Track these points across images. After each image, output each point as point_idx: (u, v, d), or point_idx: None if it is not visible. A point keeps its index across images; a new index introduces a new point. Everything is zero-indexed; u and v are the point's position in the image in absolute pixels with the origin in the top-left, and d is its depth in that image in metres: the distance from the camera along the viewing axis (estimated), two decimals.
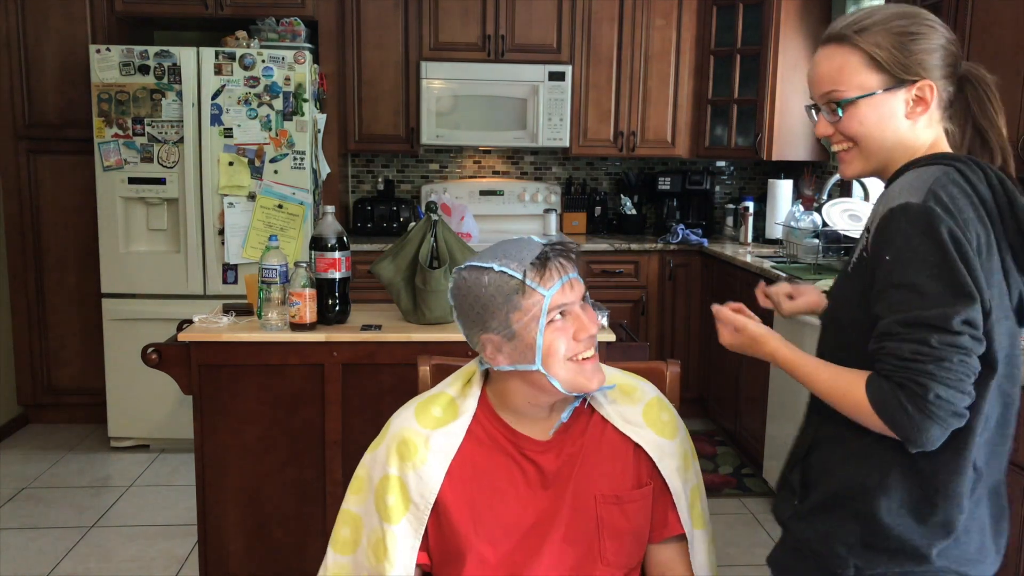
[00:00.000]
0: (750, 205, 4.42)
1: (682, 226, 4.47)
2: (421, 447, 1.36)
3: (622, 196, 4.78)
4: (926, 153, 1.24)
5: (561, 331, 1.31)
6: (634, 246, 4.32)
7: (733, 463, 3.86)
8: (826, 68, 1.25)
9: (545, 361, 1.31)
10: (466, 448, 1.38)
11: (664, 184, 4.66)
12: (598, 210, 4.76)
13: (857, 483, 1.20)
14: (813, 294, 1.58)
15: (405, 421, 1.40)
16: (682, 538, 1.42)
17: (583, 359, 1.33)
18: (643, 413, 1.43)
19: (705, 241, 4.37)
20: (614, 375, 1.47)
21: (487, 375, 1.44)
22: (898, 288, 1.10)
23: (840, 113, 1.24)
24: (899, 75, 1.21)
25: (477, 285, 1.32)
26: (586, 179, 4.90)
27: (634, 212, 4.75)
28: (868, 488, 1.19)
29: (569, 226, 4.72)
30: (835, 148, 1.29)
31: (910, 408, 1.09)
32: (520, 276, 1.29)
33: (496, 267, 1.31)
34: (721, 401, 4.12)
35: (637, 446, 1.40)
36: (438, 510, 1.36)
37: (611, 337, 2.30)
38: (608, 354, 2.14)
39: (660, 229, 4.65)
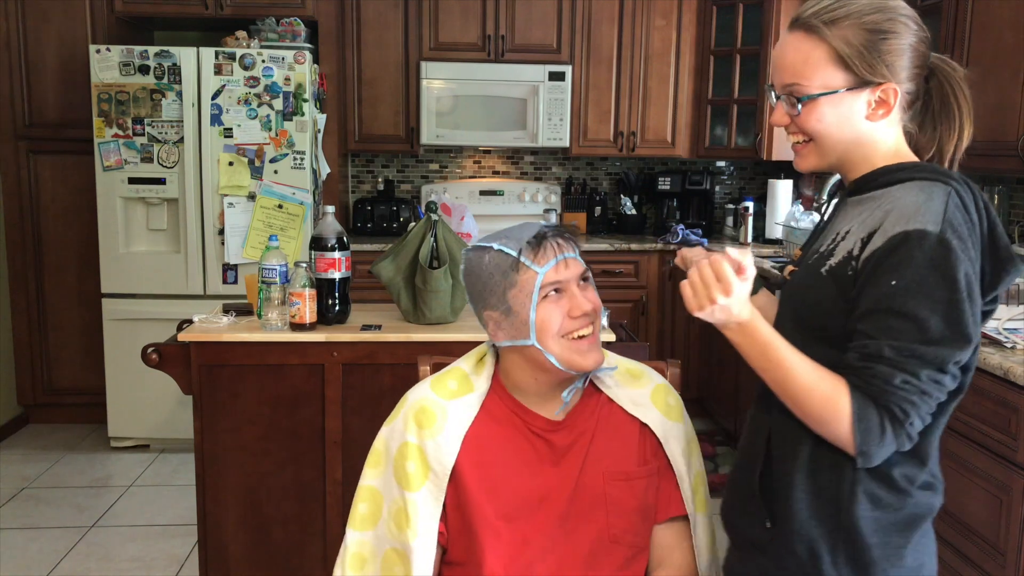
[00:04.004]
0: (750, 205, 4.42)
1: (682, 226, 4.47)
2: (439, 416, 1.40)
3: (622, 196, 4.78)
4: (888, 154, 1.20)
5: (555, 307, 1.35)
6: (634, 246, 4.32)
7: (733, 463, 3.85)
8: (792, 58, 1.19)
9: (539, 336, 1.34)
10: (480, 421, 1.41)
11: (664, 184, 4.66)
12: (598, 210, 4.76)
13: (833, 496, 1.16)
14: None
15: (423, 392, 1.44)
16: (685, 520, 1.44)
17: (579, 337, 1.35)
18: (651, 395, 1.46)
19: (705, 241, 4.37)
20: (620, 360, 1.51)
21: (497, 355, 1.48)
22: (900, 316, 1.06)
23: (799, 108, 1.19)
24: (864, 76, 1.16)
25: (479, 264, 1.39)
26: (586, 179, 4.89)
27: (634, 212, 4.75)
28: (843, 499, 1.15)
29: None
30: (791, 139, 1.25)
31: (888, 430, 1.08)
32: (516, 254, 1.35)
33: (496, 246, 1.38)
34: (721, 401, 4.12)
35: (644, 426, 1.44)
36: (455, 479, 1.38)
37: (611, 337, 2.30)
38: None
39: (660, 229, 4.64)
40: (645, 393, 1.46)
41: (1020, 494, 1.97)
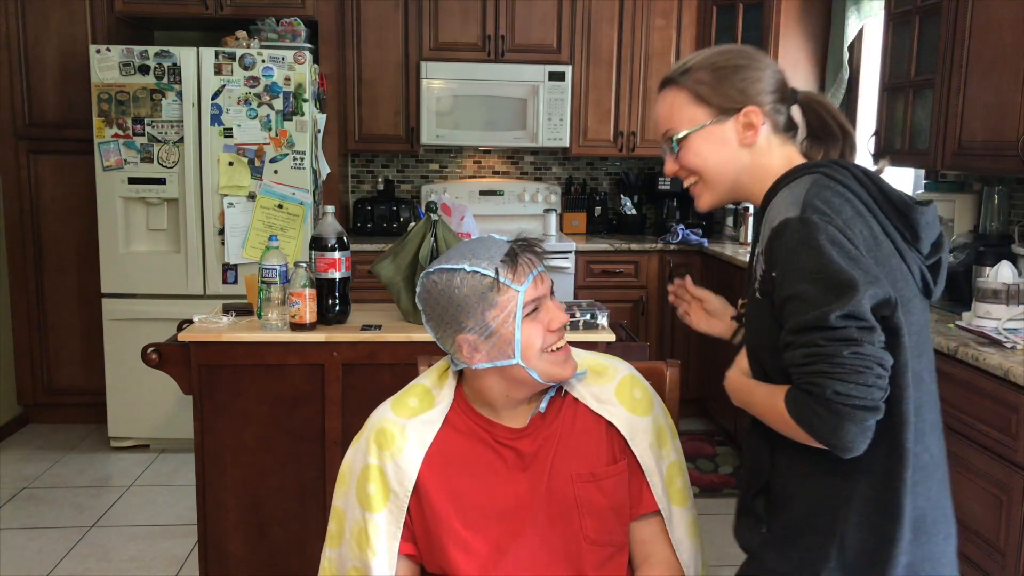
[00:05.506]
0: (750, 205, 4.42)
1: (682, 226, 4.47)
2: (398, 436, 1.40)
3: (622, 196, 4.78)
4: (779, 173, 1.26)
5: (536, 324, 1.35)
6: (634, 246, 4.32)
7: (733, 463, 3.86)
8: (660, 110, 1.33)
9: (524, 355, 1.34)
10: (444, 436, 1.41)
11: (664, 184, 4.65)
12: (598, 210, 4.76)
13: (825, 503, 1.18)
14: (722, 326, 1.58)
15: (383, 413, 1.45)
16: (659, 514, 1.43)
17: (556, 349, 1.37)
18: (615, 391, 1.45)
19: (705, 241, 4.37)
20: (586, 357, 1.50)
21: (460, 373, 1.47)
22: (787, 301, 1.11)
23: (676, 148, 1.29)
24: (723, 105, 1.26)
25: (449, 287, 1.34)
26: (586, 179, 4.90)
27: (634, 212, 4.75)
28: (836, 507, 1.16)
29: (569, 226, 4.72)
30: (685, 184, 1.34)
31: (820, 411, 1.06)
32: (493, 274, 1.32)
33: (468, 267, 1.33)
34: (721, 401, 4.12)
35: (610, 424, 1.43)
36: (419, 496, 1.38)
37: (611, 337, 2.30)
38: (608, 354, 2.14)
39: (660, 229, 4.65)
40: (610, 389, 1.45)
41: (1020, 494, 1.97)
